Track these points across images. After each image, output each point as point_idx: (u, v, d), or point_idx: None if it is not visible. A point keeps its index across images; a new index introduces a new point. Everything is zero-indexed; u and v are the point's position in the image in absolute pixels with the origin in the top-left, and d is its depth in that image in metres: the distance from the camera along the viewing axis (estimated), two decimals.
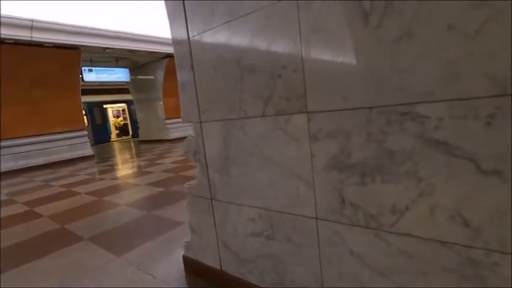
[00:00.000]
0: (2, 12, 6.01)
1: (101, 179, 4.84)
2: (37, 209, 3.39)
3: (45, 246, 2.29)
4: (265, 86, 1.08)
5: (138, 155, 7.72)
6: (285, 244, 1.16)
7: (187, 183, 1.56)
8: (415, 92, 0.76)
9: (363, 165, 0.88)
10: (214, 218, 1.43)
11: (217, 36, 1.19)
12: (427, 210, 0.79)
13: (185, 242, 1.65)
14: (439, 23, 0.70)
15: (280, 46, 1.00)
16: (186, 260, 1.65)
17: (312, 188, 1.02)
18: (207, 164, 1.39)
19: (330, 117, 0.93)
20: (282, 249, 1.17)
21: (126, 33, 8.12)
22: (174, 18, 1.36)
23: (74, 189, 4.27)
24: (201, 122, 1.37)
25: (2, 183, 5.59)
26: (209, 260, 1.50)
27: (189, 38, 1.30)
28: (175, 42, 1.38)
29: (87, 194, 3.87)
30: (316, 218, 1.03)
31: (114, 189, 4.04)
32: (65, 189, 4.30)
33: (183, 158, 6.10)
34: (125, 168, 5.76)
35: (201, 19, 1.23)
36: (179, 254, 1.73)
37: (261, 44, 1.06)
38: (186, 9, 1.28)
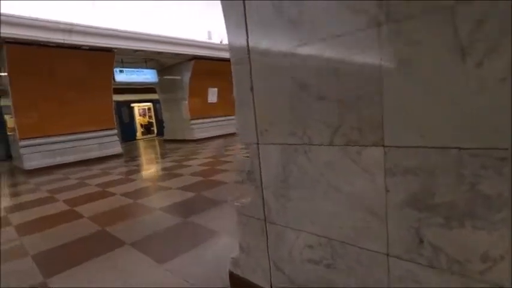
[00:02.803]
0: (43, 16, 6.36)
1: (132, 180, 4.99)
2: (77, 209, 3.54)
3: (90, 249, 2.38)
4: (335, 114, 1.05)
5: (164, 155, 7.91)
6: (347, 276, 1.13)
7: (236, 200, 1.56)
8: None
9: (450, 207, 0.83)
10: (267, 239, 1.42)
11: (283, 58, 1.17)
12: None
13: (232, 257, 1.66)
14: None
15: (356, 76, 0.97)
16: (233, 276, 1.65)
17: (385, 223, 0.98)
18: (262, 186, 1.39)
19: (411, 154, 0.89)
20: (344, 281, 1.14)
21: (155, 35, 8.34)
22: (234, 38, 1.36)
23: (108, 189, 4.43)
24: (258, 144, 1.36)
25: (42, 179, 5.91)
26: (259, 280, 1.50)
27: (249, 57, 1.30)
28: (234, 62, 1.38)
29: (122, 195, 4.00)
30: (388, 255, 0.99)
31: (147, 191, 4.15)
32: (100, 189, 4.48)
33: (210, 160, 6.22)
34: (153, 169, 5.92)
35: (265, 38, 1.22)
36: (223, 267, 1.74)
37: (333, 71, 1.03)
38: (248, 27, 1.28)
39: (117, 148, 8.68)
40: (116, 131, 8.79)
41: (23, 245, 2.61)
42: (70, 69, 7.54)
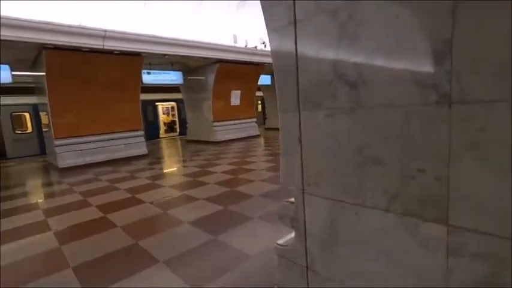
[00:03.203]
0: (81, 23, 6.64)
1: (159, 186, 5.14)
2: (110, 216, 3.70)
3: (127, 264, 2.49)
4: (393, 182, 1.03)
5: (188, 158, 8.07)
6: None
7: (278, 242, 1.57)
8: None
9: None
10: (308, 285, 1.42)
11: (336, 118, 1.16)
12: None
13: None
14: None
15: (421, 151, 0.94)
16: None
17: None
18: (305, 233, 1.38)
19: (482, 239, 0.85)
20: None
21: (183, 40, 8.48)
22: (283, 97, 1.36)
23: (138, 195, 4.59)
24: (304, 192, 1.36)
25: (75, 179, 6.22)
26: None
27: (299, 113, 1.29)
28: (282, 110, 1.39)
29: (151, 203, 4.13)
30: None
31: (175, 201, 4.26)
32: (129, 195, 4.64)
33: (233, 168, 6.29)
34: (179, 174, 6.06)
35: (317, 97, 1.22)
36: None
37: (394, 140, 1.01)
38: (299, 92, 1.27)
39: (143, 149, 8.96)
40: (142, 132, 9.07)
41: (64, 255, 2.76)
42: (102, 73, 7.85)
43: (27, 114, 11.81)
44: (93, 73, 7.69)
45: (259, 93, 15.65)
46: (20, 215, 4.07)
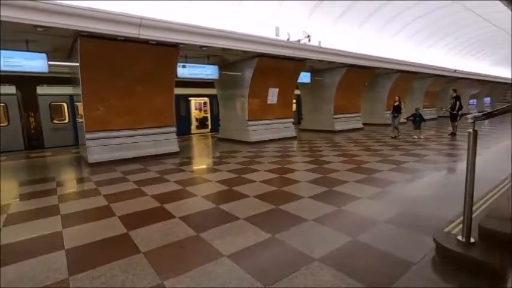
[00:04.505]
0: (114, 9, 6.15)
1: (191, 195, 4.46)
2: (132, 234, 3.05)
3: None
4: None
5: (221, 160, 7.38)
6: None
7: None
8: None
9: None
10: None
11: None
12: None
13: None
14: None
15: None
16: None
17: None
18: None
19: None
20: None
21: (224, 31, 7.80)
22: None
23: (167, 206, 3.94)
24: None
25: (102, 177, 5.77)
26: None
27: None
28: None
29: (182, 219, 3.44)
30: None
31: (210, 219, 3.54)
32: (158, 204, 4.01)
33: (274, 176, 5.48)
34: (212, 180, 5.36)
35: None
36: None
37: None
38: None
39: (174, 146, 8.44)
40: (174, 129, 8.55)
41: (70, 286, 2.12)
42: (137, 64, 7.39)
43: (65, 105, 11.89)
44: (127, 64, 7.25)
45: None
46: (34, 220, 3.59)
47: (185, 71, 9.67)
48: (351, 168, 5.86)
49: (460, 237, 2.41)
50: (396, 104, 10.85)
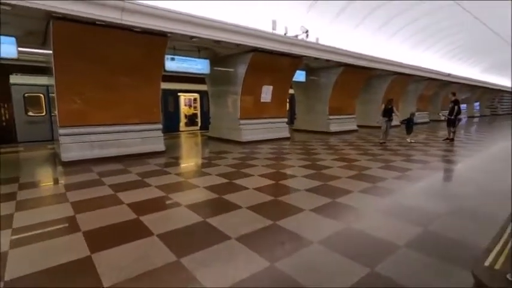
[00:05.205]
0: None
1: (176, 205, 3.86)
2: (96, 259, 2.44)
3: None
4: None
5: (210, 163, 6.77)
6: None
7: None
8: None
9: None
10: None
11: None
12: None
13: None
14: None
15: None
16: None
17: None
18: None
19: None
20: None
21: (217, 21, 7.17)
22: None
23: (145, 218, 3.32)
24: None
25: (74, 179, 5.08)
26: None
27: None
28: None
29: (161, 237, 2.85)
30: None
31: (194, 237, 2.95)
32: (134, 217, 3.39)
33: (269, 182, 4.92)
34: (200, 186, 4.76)
35: None
36: None
37: None
38: None
39: (160, 145, 7.76)
40: (160, 126, 7.87)
41: None
42: (119, 54, 6.68)
43: (42, 96, 10.99)
44: (108, 54, 6.54)
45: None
46: None
47: (174, 64, 9.01)
48: (352, 175, 5.37)
49: (509, 276, 1.92)
50: (389, 106, 9.75)
